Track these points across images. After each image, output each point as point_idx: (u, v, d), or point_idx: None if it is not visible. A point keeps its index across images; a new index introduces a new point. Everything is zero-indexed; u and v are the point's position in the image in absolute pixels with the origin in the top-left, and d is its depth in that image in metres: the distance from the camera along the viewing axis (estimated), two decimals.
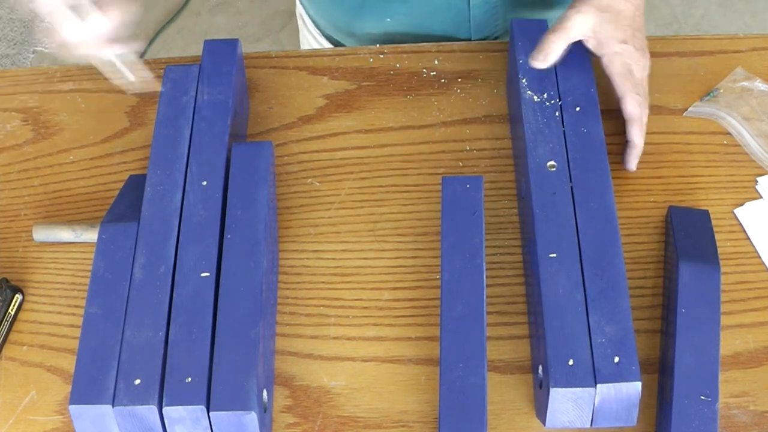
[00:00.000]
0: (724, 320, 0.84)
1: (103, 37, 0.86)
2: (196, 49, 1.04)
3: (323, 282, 0.91)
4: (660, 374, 0.84)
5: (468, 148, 0.99)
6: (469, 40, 1.10)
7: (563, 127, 0.90)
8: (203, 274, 0.82)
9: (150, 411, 0.75)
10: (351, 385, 0.85)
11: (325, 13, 1.15)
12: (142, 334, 0.79)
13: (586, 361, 0.76)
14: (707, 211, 0.92)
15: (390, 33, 1.11)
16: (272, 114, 1.02)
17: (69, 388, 0.80)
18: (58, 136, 1.02)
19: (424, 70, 1.04)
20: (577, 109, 0.91)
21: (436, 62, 1.05)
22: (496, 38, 1.13)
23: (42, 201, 0.97)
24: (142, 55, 2.61)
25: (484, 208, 0.87)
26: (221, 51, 0.97)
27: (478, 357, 0.79)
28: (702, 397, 0.77)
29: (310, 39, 1.22)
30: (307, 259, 0.92)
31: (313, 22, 1.19)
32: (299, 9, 1.24)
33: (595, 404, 0.76)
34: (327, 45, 1.19)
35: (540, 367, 0.80)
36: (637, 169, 0.96)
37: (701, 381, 0.78)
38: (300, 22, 1.25)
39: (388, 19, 1.09)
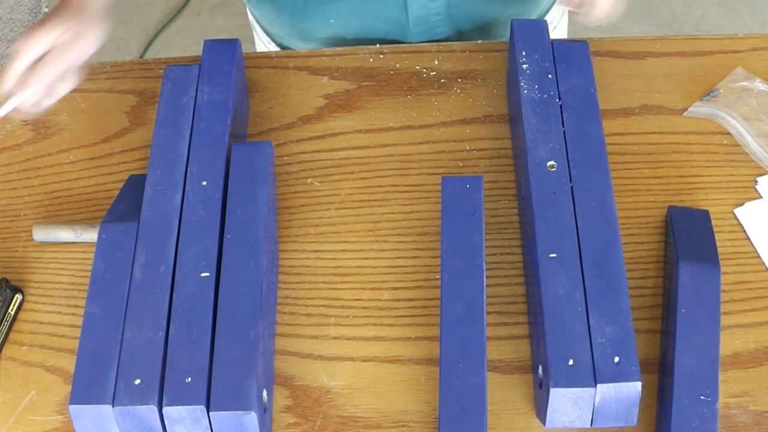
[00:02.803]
0: (724, 320, 0.84)
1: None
2: (196, 49, 1.04)
3: (323, 282, 0.91)
4: (660, 374, 0.84)
5: (468, 148, 0.99)
6: (411, 43, 1.08)
7: (563, 127, 0.90)
8: (203, 274, 0.82)
9: (150, 411, 0.75)
10: (351, 385, 0.85)
11: (271, 19, 1.13)
12: (142, 334, 0.79)
13: (586, 361, 0.76)
14: (707, 211, 0.92)
15: (336, 36, 1.09)
16: (272, 114, 1.02)
17: (69, 388, 0.80)
18: (58, 136, 1.02)
19: (424, 70, 1.04)
20: (577, 109, 0.91)
21: (436, 62, 1.05)
22: (445, 40, 1.09)
23: (42, 201, 0.97)
24: (141, 55, 2.58)
25: (484, 208, 0.87)
26: (221, 51, 0.97)
27: (478, 357, 0.79)
28: (702, 397, 0.77)
29: (262, 47, 1.21)
30: (307, 259, 0.92)
31: (263, 29, 1.18)
32: (251, 18, 1.22)
33: (595, 404, 0.76)
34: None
35: (540, 367, 0.80)
36: (637, 169, 0.96)
37: (701, 381, 0.78)
38: (253, 32, 1.24)
39: (332, 21, 1.07)
